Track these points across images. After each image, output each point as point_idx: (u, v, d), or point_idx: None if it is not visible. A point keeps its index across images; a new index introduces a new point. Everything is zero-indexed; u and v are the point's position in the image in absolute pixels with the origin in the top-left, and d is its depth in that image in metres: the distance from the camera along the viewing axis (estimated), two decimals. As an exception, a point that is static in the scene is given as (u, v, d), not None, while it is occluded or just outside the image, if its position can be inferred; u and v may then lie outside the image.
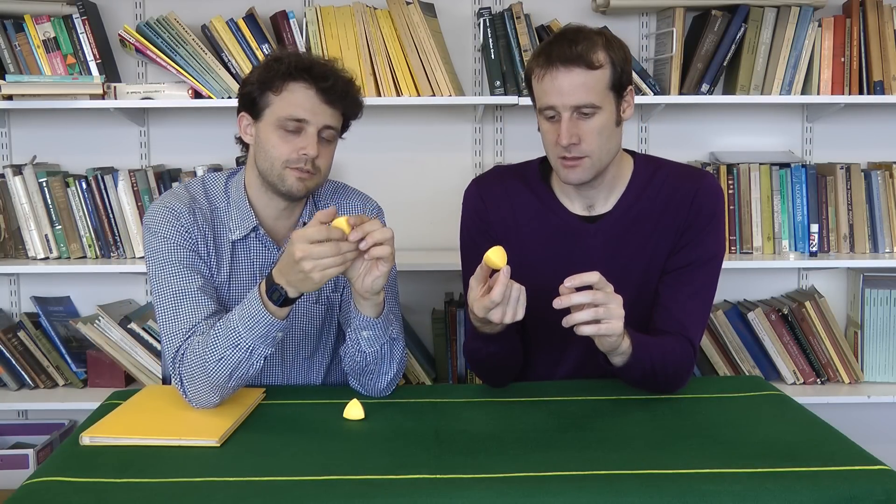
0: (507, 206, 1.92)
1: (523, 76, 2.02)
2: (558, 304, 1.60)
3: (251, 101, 1.81)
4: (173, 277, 1.77)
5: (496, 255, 1.60)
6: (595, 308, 1.60)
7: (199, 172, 2.75)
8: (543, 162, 1.94)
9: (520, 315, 1.63)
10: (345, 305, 1.90)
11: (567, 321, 1.61)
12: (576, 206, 1.90)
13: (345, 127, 1.89)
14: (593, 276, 1.60)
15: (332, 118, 1.81)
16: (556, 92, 1.74)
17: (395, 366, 1.80)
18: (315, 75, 1.79)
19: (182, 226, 1.81)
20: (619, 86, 1.78)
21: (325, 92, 1.79)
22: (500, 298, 1.60)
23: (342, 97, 1.82)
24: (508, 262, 1.62)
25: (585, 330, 1.61)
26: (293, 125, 1.78)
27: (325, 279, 1.57)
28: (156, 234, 1.81)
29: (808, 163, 2.86)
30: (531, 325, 1.86)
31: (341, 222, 1.58)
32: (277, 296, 1.60)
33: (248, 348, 1.63)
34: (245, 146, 1.90)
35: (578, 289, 1.61)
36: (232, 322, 1.64)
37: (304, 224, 1.86)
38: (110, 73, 2.75)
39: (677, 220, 1.87)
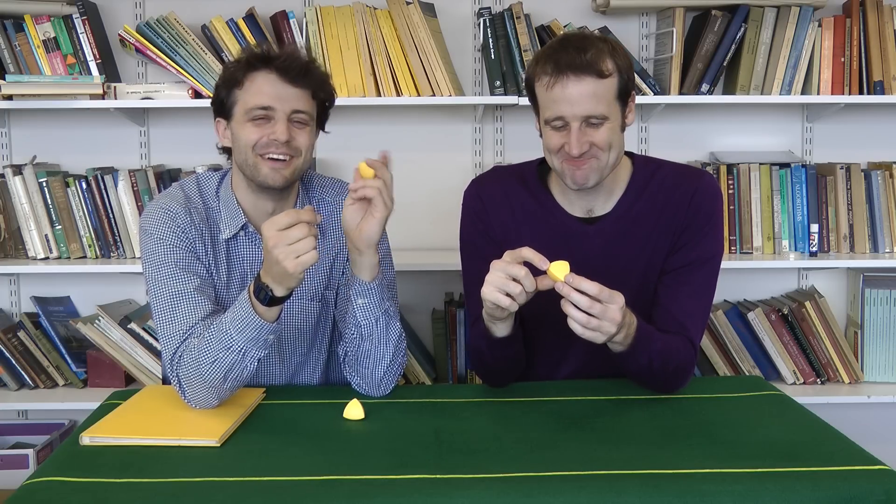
0: (507, 207, 1.92)
1: (524, 80, 2.01)
2: (559, 287, 1.60)
3: (221, 104, 1.83)
4: (170, 279, 1.77)
5: (558, 269, 1.61)
6: (588, 317, 1.60)
7: (200, 172, 2.74)
8: (542, 163, 1.94)
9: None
10: (340, 302, 1.91)
11: (563, 306, 1.61)
12: (574, 209, 1.90)
13: (324, 116, 1.89)
14: (593, 288, 1.60)
15: (299, 101, 1.80)
16: (567, 101, 1.73)
17: (391, 347, 1.79)
18: (271, 57, 1.80)
19: (178, 226, 1.81)
20: (625, 93, 1.78)
21: (283, 71, 1.79)
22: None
23: (303, 75, 1.81)
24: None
25: (572, 325, 1.62)
26: (261, 113, 1.78)
27: (301, 268, 1.56)
28: (151, 235, 1.81)
29: (808, 163, 2.86)
30: (532, 326, 1.86)
31: (364, 168, 1.68)
32: (263, 295, 1.61)
33: (240, 351, 1.64)
34: (227, 153, 1.90)
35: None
36: (224, 324, 1.65)
37: None
38: (110, 73, 2.75)
39: (675, 220, 1.87)
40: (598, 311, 1.60)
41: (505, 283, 1.62)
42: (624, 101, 1.79)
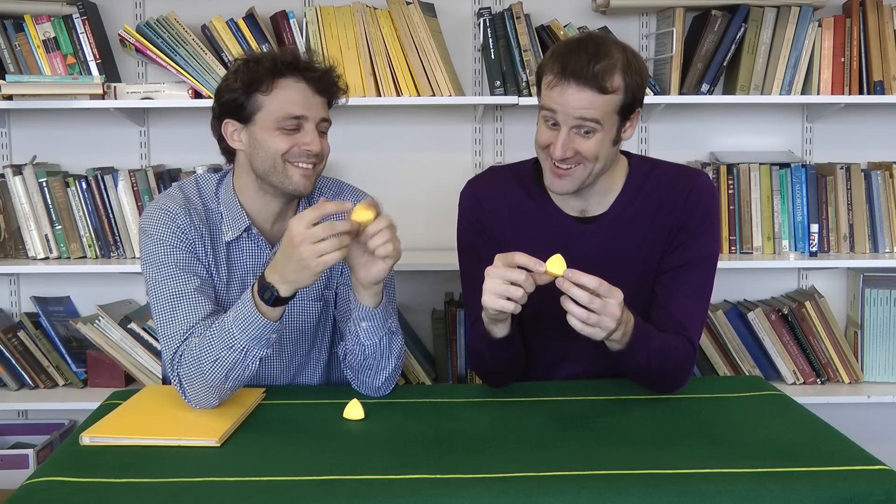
0: (504, 207, 1.92)
1: (535, 71, 1.99)
2: (559, 283, 1.61)
3: (238, 107, 1.80)
4: (170, 279, 1.76)
5: (555, 265, 1.61)
6: (588, 313, 1.61)
7: (200, 172, 2.75)
8: (538, 162, 1.94)
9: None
10: (340, 302, 1.91)
11: (563, 302, 1.62)
12: (571, 208, 1.90)
13: None
14: (592, 282, 1.60)
15: (324, 109, 1.83)
16: (562, 105, 1.72)
17: (393, 360, 1.80)
18: (302, 68, 1.79)
19: (178, 227, 1.81)
20: (628, 110, 1.76)
21: (315, 82, 1.80)
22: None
23: (331, 85, 1.83)
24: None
25: (572, 322, 1.62)
26: (292, 123, 1.78)
27: (322, 267, 1.56)
28: (151, 236, 1.80)
29: (808, 163, 2.86)
30: (531, 326, 1.86)
31: (363, 212, 1.59)
32: (269, 295, 1.61)
33: (242, 350, 1.64)
34: (229, 155, 1.89)
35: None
36: (226, 323, 1.65)
37: None
38: (110, 73, 2.75)
39: (671, 219, 1.87)
40: (597, 307, 1.60)
41: (506, 289, 1.62)
42: (625, 115, 1.76)
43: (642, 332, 1.72)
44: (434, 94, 2.66)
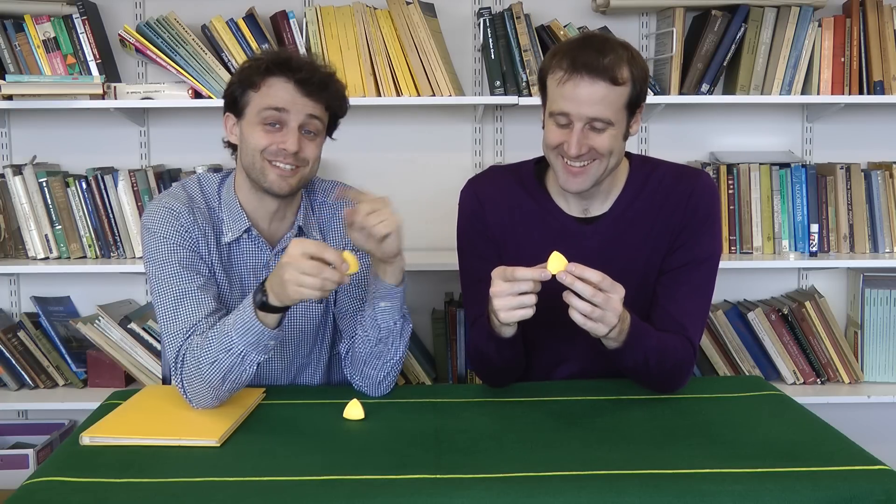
0: (504, 207, 1.92)
1: (537, 72, 1.99)
2: (561, 277, 1.61)
3: (234, 101, 1.83)
4: (173, 278, 1.77)
5: (556, 263, 1.61)
6: (592, 307, 1.61)
7: (200, 172, 2.74)
8: (538, 162, 1.94)
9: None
10: (339, 302, 1.91)
11: (565, 296, 1.62)
12: (572, 208, 1.90)
13: (333, 125, 1.89)
14: (595, 276, 1.60)
15: (314, 109, 1.81)
16: (575, 101, 1.73)
17: (402, 347, 1.80)
18: (292, 68, 1.79)
19: (181, 225, 1.81)
20: (635, 104, 1.78)
21: (303, 83, 1.79)
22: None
23: (321, 89, 1.81)
24: (508, 264, 1.64)
25: (574, 316, 1.62)
26: (274, 116, 1.78)
27: (297, 296, 1.56)
28: (155, 234, 1.80)
29: (808, 163, 2.86)
30: (529, 328, 1.85)
31: (353, 263, 1.60)
32: (259, 298, 1.61)
33: (240, 354, 1.64)
34: (233, 149, 1.90)
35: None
36: (226, 326, 1.65)
37: (299, 227, 1.89)
38: (110, 73, 2.75)
39: (673, 220, 1.87)
40: (600, 301, 1.60)
41: (519, 301, 1.63)
42: (632, 110, 1.78)
43: (639, 330, 1.72)
44: (434, 94, 2.66)
